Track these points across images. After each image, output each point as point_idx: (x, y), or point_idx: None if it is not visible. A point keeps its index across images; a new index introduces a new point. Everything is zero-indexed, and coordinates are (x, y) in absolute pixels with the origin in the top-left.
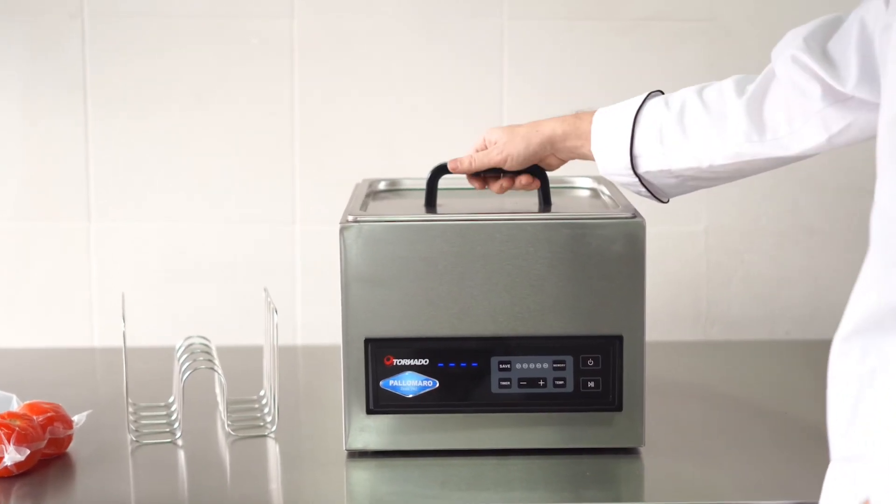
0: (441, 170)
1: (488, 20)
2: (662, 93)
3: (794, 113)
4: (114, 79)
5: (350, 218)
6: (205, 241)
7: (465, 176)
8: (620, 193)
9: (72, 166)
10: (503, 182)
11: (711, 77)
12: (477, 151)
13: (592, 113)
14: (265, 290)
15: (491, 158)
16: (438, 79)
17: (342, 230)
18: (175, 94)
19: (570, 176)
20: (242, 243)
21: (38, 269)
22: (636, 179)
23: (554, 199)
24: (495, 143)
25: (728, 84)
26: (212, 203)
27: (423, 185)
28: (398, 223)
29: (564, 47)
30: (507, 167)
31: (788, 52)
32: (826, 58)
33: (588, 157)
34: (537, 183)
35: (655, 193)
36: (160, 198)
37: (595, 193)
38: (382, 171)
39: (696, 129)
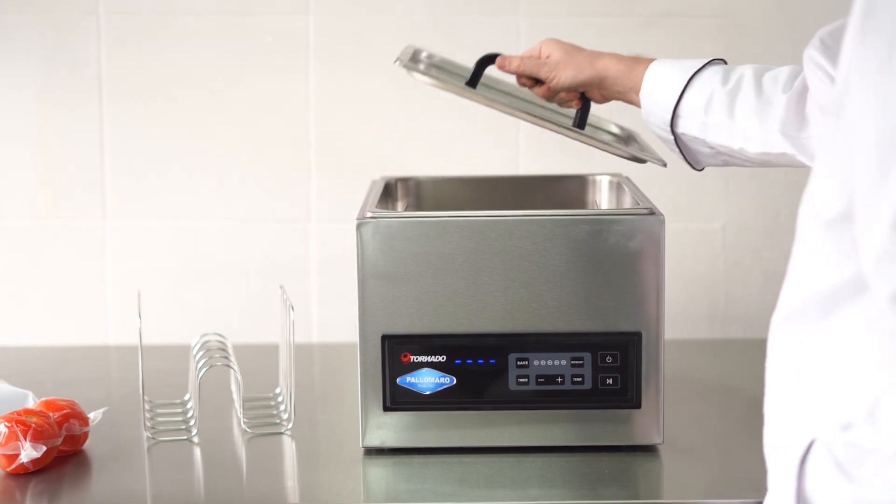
0: (489, 59)
1: (504, 18)
2: (725, 62)
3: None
4: (129, 77)
5: (367, 214)
6: (220, 238)
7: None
8: (640, 191)
9: (87, 165)
10: (545, 92)
11: None
12: (530, 57)
13: (650, 61)
14: (281, 287)
15: (538, 71)
16: None
17: (359, 227)
18: (190, 92)
19: (592, 174)
20: (258, 241)
21: (53, 267)
22: (672, 138)
23: (574, 194)
24: (548, 59)
25: (784, 72)
26: (227, 201)
27: (439, 181)
28: (415, 219)
29: (580, 44)
30: (551, 86)
31: (808, 51)
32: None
33: (632, 103)
34: (577, 103)
35: (687, 157)
36: (175, 196)
37: (616, 189)
38: (398, 169)
39: (741, 111)
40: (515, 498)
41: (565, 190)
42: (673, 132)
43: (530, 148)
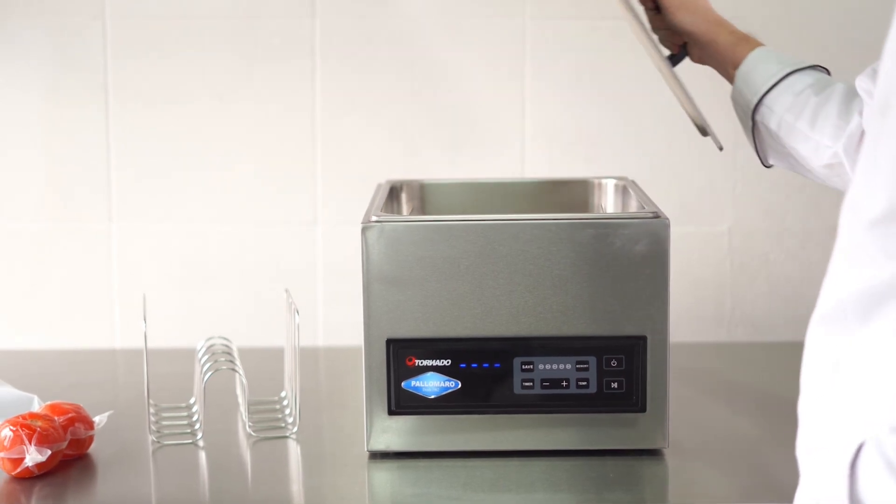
0: None
1: (511, 20)
2: (828, 72)
3: None
4: (135, 80)
5: (372, 218)
6: (226, 242)
7: None
8: (646, 195)
9: (94, 168)
10: (656, 21)
11: None
12: None
13: (758, 44)
14: (286, 290)
15: None
16: (460, 79)
17: (364, 230)
18: (196, 96)
19: (598, 178)
20: (264, 244)
21: (60, 270)
22: (751, 124)
23: (580, 198)
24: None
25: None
26: (233, 204)
27: (444, 185)
28: (420, 223)
29: (587, 47)
30: (666, 18)
31: (859, 79)
32: None
33: (724, 75)
34: (677, 49)
35: (759, 148)
36: (181, 199)
37: (622, 192)
38: (404, 172)
39: (821, 124)
40: (520, 502)
41: (571, 194)
42: (753, 119)
43: (536, 151)
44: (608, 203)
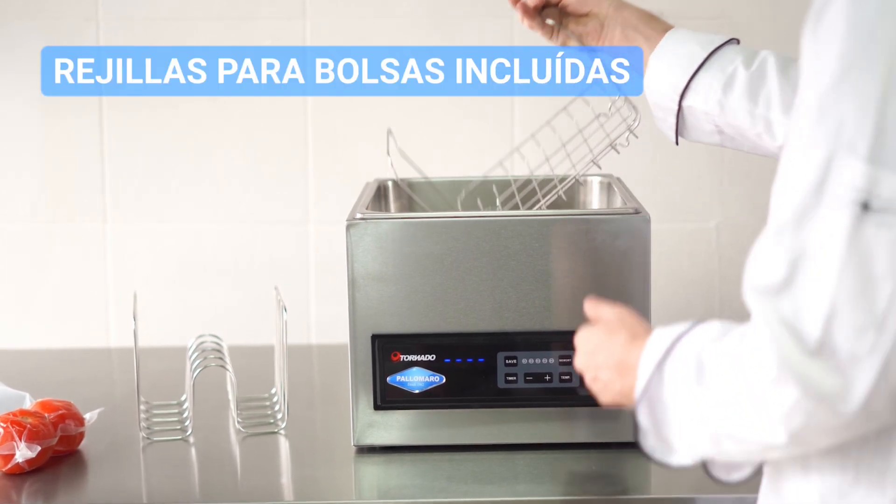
0: None
1: (500, 21)
2: (738, 42)
3: None
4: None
5: (357, 216)
6: (219, 241)
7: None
8: (630, 192)
9: (88, 169)
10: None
11: None
12: None
13: (668, 25)
14: (276, 288)
15: None
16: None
17: (349, 228)
18: (189, 97)
19: (584, 175)
20: (256, 243)
21: (54, 270)
22: (675, 107)
23: (566, 195)
24: None
25: None
26: (226, 203)
27: (431, 183)
28: (404, 220)
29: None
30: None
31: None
32: None
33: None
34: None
35: (679, 129)
36: (175, 199)
37: (607, 189)
38: (396, 170)
39: (765, 99)
40: (504, 494)
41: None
42: (680, 104)
43: (523, 149)
44: (593, 200)
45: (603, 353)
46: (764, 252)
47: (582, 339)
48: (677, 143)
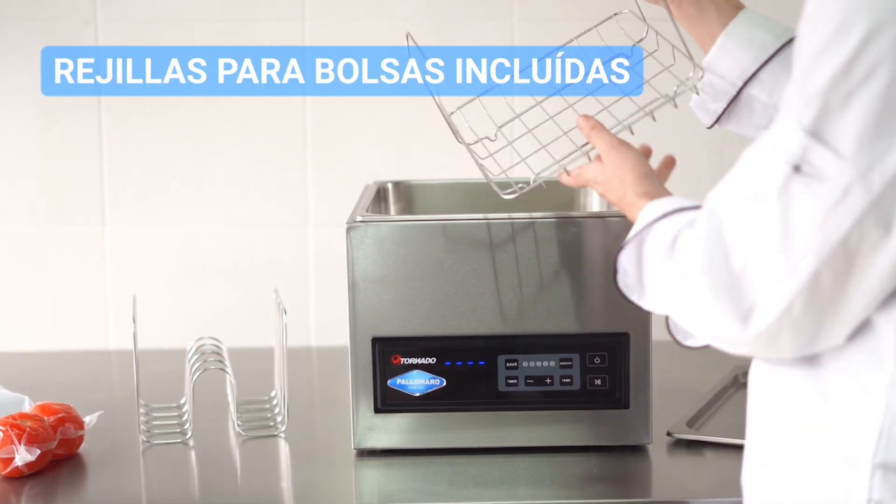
0: None
1: (499, 22)
2: None
3: None
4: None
5: (357, 218)
6: (218, 243)
7: None
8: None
9: (86, 171)
10: None
11: None
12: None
13: (739, 2)
14: (275, 290)
15: None
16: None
17: (349, 230)
18: (188, 99)
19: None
20: (256, 246)
21: (53, 273)
22: (734, 92)
23: (565, 197)
24: None
25: None
26: (225, 206)
27: (431, 185)
28: (404, 223)
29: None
30: None
31: None
32: None
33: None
34: None
35: (721, 114)
36: (174, 201)
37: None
38: (394, 174)
39: None
40: (505, 498)
41: (557, 193)
42: (740, 90)
43: (523, 151)
44: (593, 202)
45: (612, 193)
46: (730, 175)
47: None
48: (710, 128)
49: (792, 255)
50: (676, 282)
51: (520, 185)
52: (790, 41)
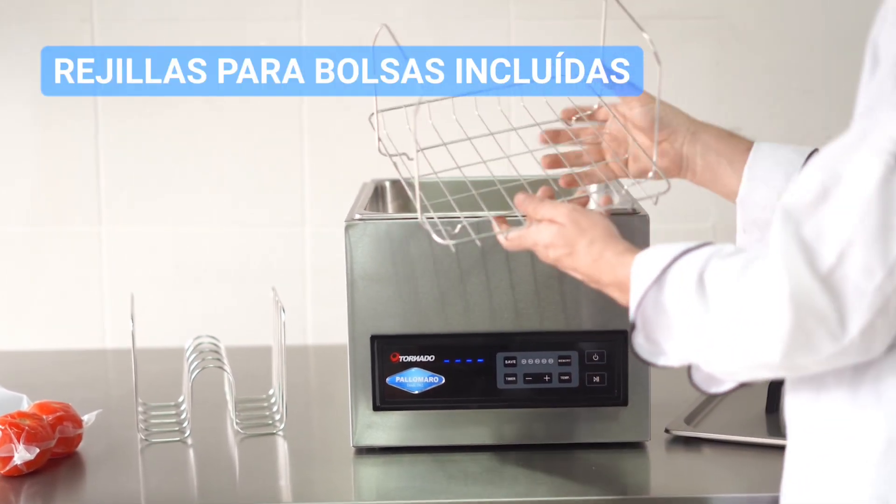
0: None
1: (496, 20)
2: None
3: None
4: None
5: (356, 216)
6: (215, 243)
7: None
8: (628, 192)
9: (83, 171)
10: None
11: (717, 75)
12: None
13: (748, 142)
14: (273, 289)
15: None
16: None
17: (347, 228)
18: (184, 100)
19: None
20: (253, 245)
21: (50, 272)
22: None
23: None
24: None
25: None
26: (222, 206)
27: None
28: (402, 221)
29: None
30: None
31: None
32: None
33: (721, 178)
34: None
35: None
36: (171, 201)
37: (605, 190)
38: (392, 173)
39: None
40: (503, 495)
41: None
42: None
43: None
44: (592, 200)
45: (578, 256)
46: (804, 177)
47: (543, 235)
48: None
49: (890, 254)
50: (728, 313)
51: (455, 233)
52: (813, 153)
